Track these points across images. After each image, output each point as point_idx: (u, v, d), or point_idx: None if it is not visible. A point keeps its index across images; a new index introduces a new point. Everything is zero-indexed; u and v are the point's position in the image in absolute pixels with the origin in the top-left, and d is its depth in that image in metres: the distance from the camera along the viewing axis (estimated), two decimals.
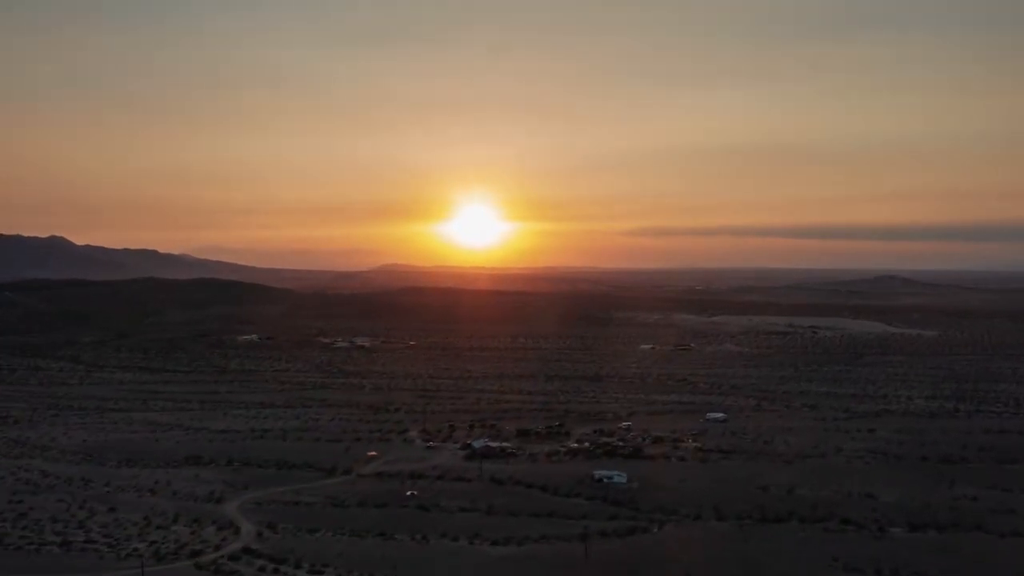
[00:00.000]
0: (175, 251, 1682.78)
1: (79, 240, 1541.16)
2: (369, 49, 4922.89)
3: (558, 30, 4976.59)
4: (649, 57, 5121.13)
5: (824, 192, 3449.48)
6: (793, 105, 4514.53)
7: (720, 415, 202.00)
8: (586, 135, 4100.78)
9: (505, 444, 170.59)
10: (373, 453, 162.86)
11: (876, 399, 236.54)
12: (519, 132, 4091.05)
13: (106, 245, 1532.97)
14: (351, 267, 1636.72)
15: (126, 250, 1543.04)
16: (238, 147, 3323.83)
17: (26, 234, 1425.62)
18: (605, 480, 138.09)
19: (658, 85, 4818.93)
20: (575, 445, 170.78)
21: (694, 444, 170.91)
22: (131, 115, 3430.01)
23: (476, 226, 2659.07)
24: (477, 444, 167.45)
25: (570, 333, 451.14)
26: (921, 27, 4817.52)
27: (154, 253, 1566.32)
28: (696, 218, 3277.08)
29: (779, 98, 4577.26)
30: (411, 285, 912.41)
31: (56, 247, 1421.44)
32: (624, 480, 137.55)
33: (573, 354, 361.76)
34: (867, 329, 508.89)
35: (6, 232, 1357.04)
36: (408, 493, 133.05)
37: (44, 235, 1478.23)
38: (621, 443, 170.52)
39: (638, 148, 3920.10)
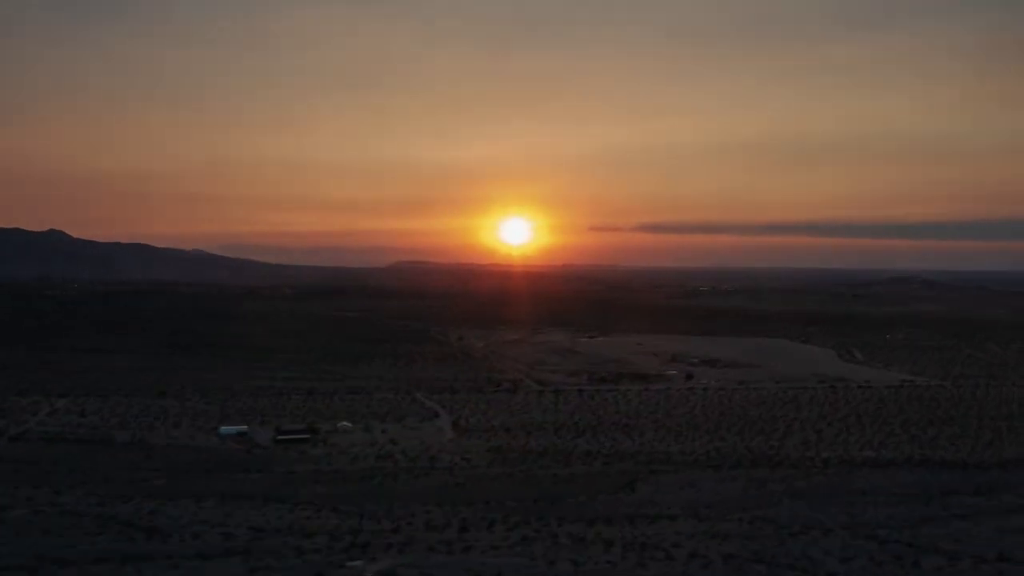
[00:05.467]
0: (186, 247, 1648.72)
1: (76, 234, 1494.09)
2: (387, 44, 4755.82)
3: (568, 26, 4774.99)
4: (667, 54, 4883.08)
5: (866, 188, 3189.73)
6: (820, 99, 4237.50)
7: None
8: (614, 131, 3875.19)
9: None
10: None
11: None
12: (545, 129, 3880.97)
13: (97, 239, 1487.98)
14: (369, 263, 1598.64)
15: (116, 244, 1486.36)
16: (259, 145, 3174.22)
17: (24, 227, 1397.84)
18: None
19: (678, 81, 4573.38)
20: None
21: None
22: (149, 110, 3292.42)
23: (508, 225, 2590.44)
24: None
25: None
26: (948, 18, 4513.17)
27: (146, 247, 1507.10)
28: (726, 214, 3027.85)
29: (804, 92, 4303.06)
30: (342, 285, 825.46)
31: (54, 241, 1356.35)
32: None
33: None
34: (797, 368, 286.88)
35: (4, 225, 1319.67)
36: None
37: (42, 229, 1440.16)
38: None
39: (669, 142, 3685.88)
